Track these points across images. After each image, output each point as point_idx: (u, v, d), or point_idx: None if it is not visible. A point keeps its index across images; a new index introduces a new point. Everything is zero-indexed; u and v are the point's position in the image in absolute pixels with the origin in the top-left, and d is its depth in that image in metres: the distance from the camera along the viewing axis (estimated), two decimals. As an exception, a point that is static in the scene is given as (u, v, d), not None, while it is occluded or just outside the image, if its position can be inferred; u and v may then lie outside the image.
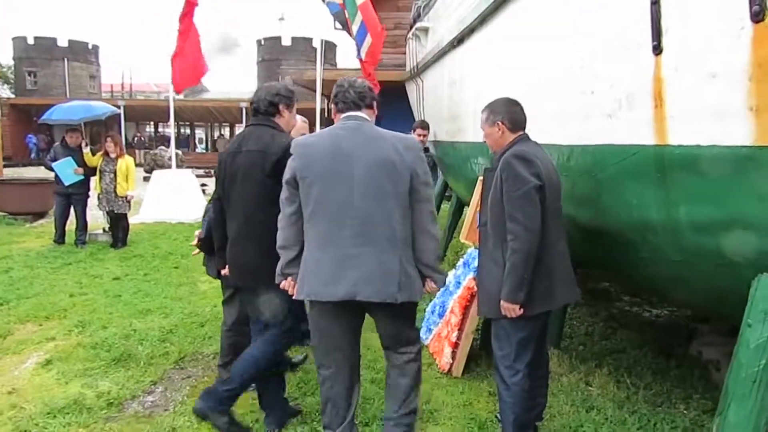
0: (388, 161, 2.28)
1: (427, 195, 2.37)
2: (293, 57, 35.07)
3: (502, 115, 2.56)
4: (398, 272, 2.28)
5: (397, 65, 14.52)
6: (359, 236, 2.27)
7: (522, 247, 2.33)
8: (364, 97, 2.42)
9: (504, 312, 2.43)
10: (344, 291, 2.26)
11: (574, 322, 4.79)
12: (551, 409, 3.12)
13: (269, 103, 2.73)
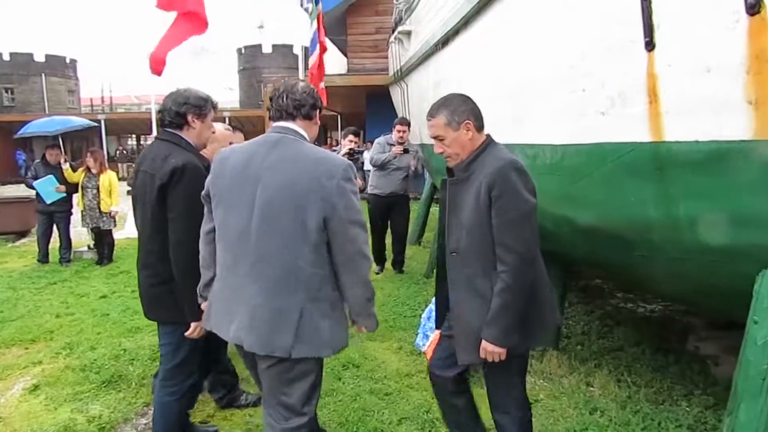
0: (297, 189, 1.87)
1: (351, 235, 1.89)
2: (274, 65, 34.98)
3: (467, 113, 2.15)
4: (295, 321, 1.87)
5: (379, 69, 14.53)
6: (252, 275, 1.92)
7: (517, 281, 1.97)
8: (300, 105, 2.01)
9: (488, 356, 2.06)
10: (233, 334, 1.97)
11: (570, 322, 4.76)
12: (554, 413, 3.09)
13: (176, 113, 2.38)
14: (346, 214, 1.88)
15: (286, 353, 1.88)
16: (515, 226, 1.99)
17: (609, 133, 2.41)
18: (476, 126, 2.15)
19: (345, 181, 1.90)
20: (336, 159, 1.98)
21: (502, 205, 2.00)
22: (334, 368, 3.75)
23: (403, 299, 5.44)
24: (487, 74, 3.77)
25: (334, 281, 1.96)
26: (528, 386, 3.41)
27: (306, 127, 2.06)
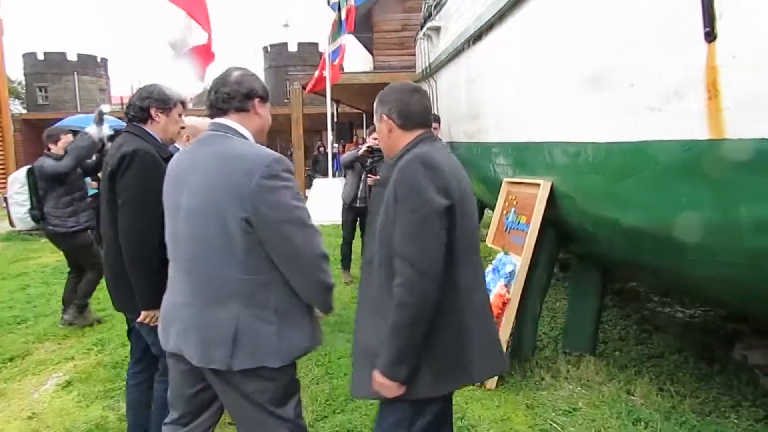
0: (215, 191, 1.72)
1: (283, 234, 1.69)
2: (300, 63, 35.12)
3: (389, 106, 1.82)
4: (232, 333, 1.72)
5: (405, 67, 14.43)
6: (187, 282, 1.80)
7: (411, 299, 1.62)
8: (230, 98, 1.82)
9: (378, 388, 1.71)
10: (173, 343, 1.85)
11: (606, 326, 4.61)
12: (595, 423, 2.96)
13: (139, 108, 2.37)
14: (274, 213, 1.69)
15: (224, 365, 1.73)
16: (413, 232, 1.63)
17: (660, 130, 2.28)
18: (399, 123, 1.80)
19: (267, 179, 1.68)
20: (258, 155, 1.74)
21: (402, 206, 1.67)
22: (364, 370, 3.68)
23: (432, 300, 5.34)
24: (523, 70, 3.65)
25: (282, 285, 1.76)
26: (566, 393, 3.33)
27: (242, 121, 1.84)
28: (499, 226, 4.09)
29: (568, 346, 3.85)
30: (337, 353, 3.98)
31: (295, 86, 15.25)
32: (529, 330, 3.78)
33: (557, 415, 3.07)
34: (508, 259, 3.63)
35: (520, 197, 3.86)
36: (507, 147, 4.15)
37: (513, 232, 3.80)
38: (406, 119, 1.79)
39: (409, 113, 1.79)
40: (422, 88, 1.84)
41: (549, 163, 3.38)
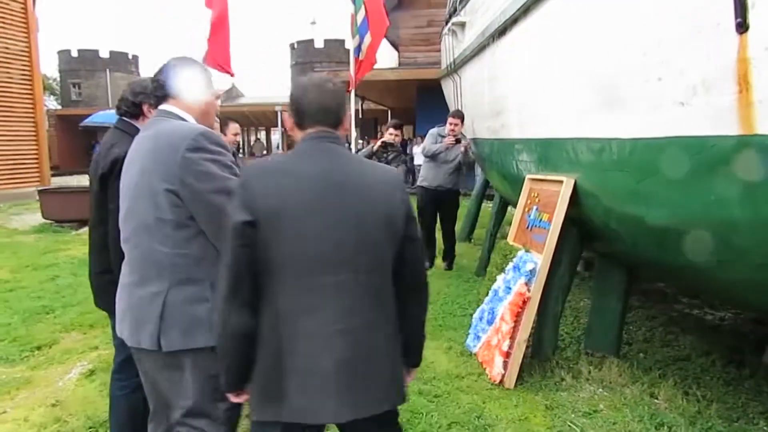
0: (147, 168, 1.75)
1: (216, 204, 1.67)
2: (326, 59, 35.26)
3: (289, 101, 1.70)
4: (158, 312, 1.70)
5: (431, 63, 14.34)
6: (127, 263, 1.84)
7: (215, 316, 1.58)
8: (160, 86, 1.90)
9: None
10: (118, 325, 1.85)
11: (631, 327, 4.50)
12: (616, 426, 2.89)
13: (131, 103, 2.35)
14: (201, 184, 1.68)
15: (153, 345, 1.70)
16: (221, 250, 1.59)
17: (688, 125, 2.20)
18: (294, 120, 1.67)
19: (192, 151, 1.69)
20: (184, 129, 1.75)
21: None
22: (381, 366, 3.66)
23: (453, 297, 5.30)
24: (547, 64, 3.57)
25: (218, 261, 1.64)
26: (587, 395, 3.26)
27: (183, 107, 1.88)
28: (520, 223, 4.03)
29: (591, 346, 3.77)
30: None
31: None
32: (550, 329, 3.71)
33: (577, 416, 3.01)
34: (529, 257, 3.56)
35: (542, 194, 3.79)
36: (530, 143, 4.07)
37: (535, 230, 3.73)
38: (299, 116, 1.65)
39: (301, 110, 1.63)
40: (331, 81, 1.65)
41: (572, 160, 3.31)
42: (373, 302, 1.56)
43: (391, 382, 1.60)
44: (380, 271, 1.58)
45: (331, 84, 1.66)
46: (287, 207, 1.48)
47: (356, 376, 1.51)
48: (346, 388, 1.50)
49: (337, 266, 1.50)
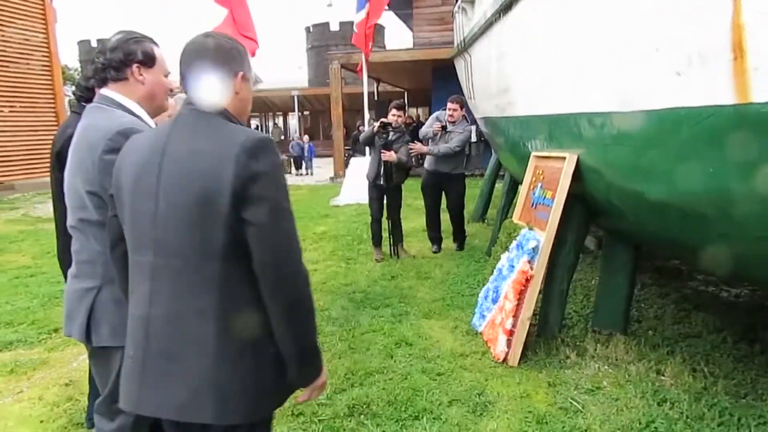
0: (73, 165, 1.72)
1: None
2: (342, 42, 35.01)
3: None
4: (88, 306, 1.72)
5: (445, 43, 14.14)
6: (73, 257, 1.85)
7: None
8: (106, 67, 1.72)
9: None
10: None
11: (642, 305, 4.44)
12: (618, 402, 2.87)
13: (85, 88, 2.25)
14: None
15: (82, 338, 1.70)
16: None
17: (685, 96, 2.14)
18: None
19: (108, 153, 1.59)
20: (104, 127, 1.64)
21: None
22: (386, 346, 3.70)
23: (462, 277, 5.29)
24: (549, 38, 3.49)
25: None
26: (591, 372, 3.24)
27: (123, 90, 1.73)
28: (525, 201, 3.99)
29: (598, 324, 3.74)
30: (361, 329, 4.01)
31: (334, 65, 15.21)
32: (555, 307, 3.69)
33: (579, 393, 3.00)
34: (532, 234, 3.53)
35: (546, 172, 3.74)
36: (535, 120, 4.01)
37: (539, 208, 3.69)
38: (181, 82, 1.50)
39: (181, 74, 1.47)
40: (213, 37, 1.45)
41: (575, 136, 3.25)
42: (190, 291, 1.34)
43: (213, 390, 1.32)
44: (206, 257, 1.32)
45: (212, 41, 1.44)
46: (124, 181, 1.42)
47: (156, 370, 1.36)
48: (149, 380, 1.37)
49: (150, 246, 1.37)
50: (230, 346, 1.33)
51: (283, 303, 1.32)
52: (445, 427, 2.72)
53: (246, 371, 1.34)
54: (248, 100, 1.52)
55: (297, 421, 2.82)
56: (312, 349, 1.40)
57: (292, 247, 1.34)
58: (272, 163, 1.33)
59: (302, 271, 1.34)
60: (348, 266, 5.83)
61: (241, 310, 1.33)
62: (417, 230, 7.52)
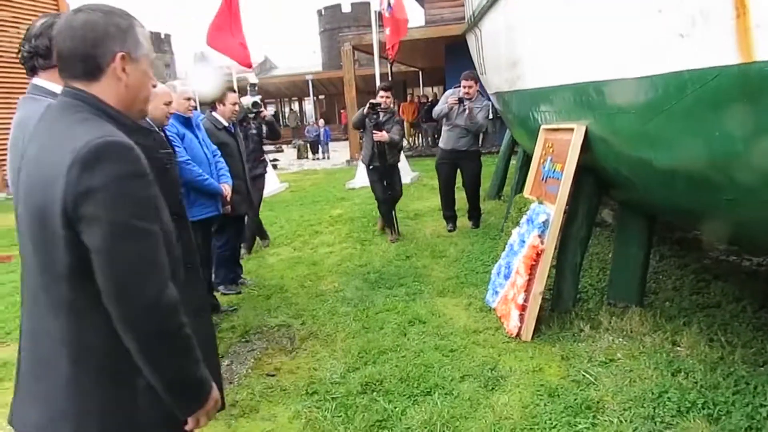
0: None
1: None
2: (354, 23, 34.69)
3: None
4: None
5: (458, 19, 13.91)
6: None
7: None
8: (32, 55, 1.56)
9: None
10: None
11: (660, 276, 4.38)
12: (631, 373, 2.85)
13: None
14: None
15: None
16: None
17: (689, 58, 2.07)
18: None
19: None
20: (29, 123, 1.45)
21: None
22: (400, 324, 3.72)
23: (476, 255, 5.28)
24: (553, 8, 3.41)
25: None
26: (605, 344, 3.22)
27: (54, 78, 1.53)
28: (536, 175, 3.94)
29: (613, 297, 3.70)
30: (375, 308, 4.04)
31: (346, 47, 15.11)
32: (568, 281, 3.66)
33: (592, 366, 2.98)
34: (542, 208, 3.49)
35: (556, 144, 3.68)
36: (543, 92, 3.94)
37: (549, 181, 3.64)
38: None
39: (57, 56, 1.29)
40: (84, 11, 1.23)
41: (583, 106, 3.18)
42: (45, 311, 1.21)
43: (68, 421, 1.20)
44: (53, 278, 1.17)
45: (82, 16, 1.22)
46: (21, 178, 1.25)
47: (24, 388, 1.28)
48: (19, 396, 1.29)
49: (23, 259, 1.26)
50: (85, 376, 1.19)
51: (135, 338, 1.14)
52: (456, 401, 2.74)
53: (104, 404, 1.20)
54: (138, 88, 1.29)
55: (311, 400, 2.87)
56: (183, 383, 1.23)
57: (140, 275, 1.12)
58: (112, 176, 1.10)
59: (158, 301, 1.14)
60: (363, 247, 5.86)
61: (93, 337, 1.18)
62: (432, 209, 7.51)
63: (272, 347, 3.55)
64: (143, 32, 1.30)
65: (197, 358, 1.24)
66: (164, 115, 3.15)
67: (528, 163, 6.73)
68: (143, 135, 1.30)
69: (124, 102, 1.26)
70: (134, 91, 1.28)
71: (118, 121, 1.22)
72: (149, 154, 1.24)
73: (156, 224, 1.17)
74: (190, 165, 3.56)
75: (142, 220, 1.14)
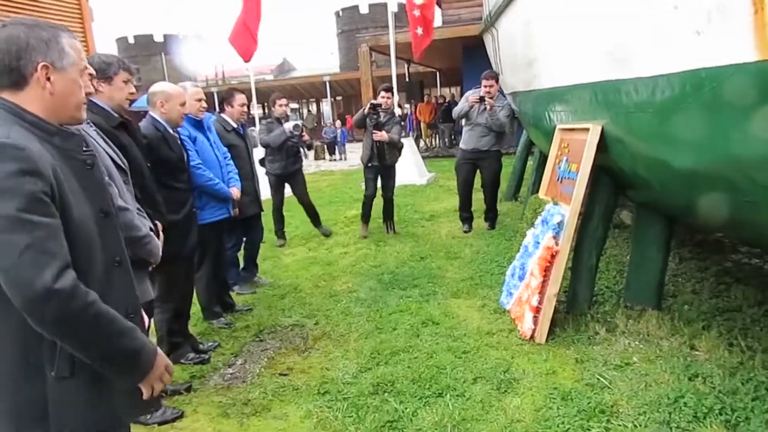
0: None
1: None
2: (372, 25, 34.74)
3: None
4: None
5: (475, 19, 13.83)
6: None
7: None
8: None
9: None
10: None
11: (679, 279, 4.30)
12: (647, 377, 2.80)
13: None
14: None
15: None
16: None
17: (706, 56, 2.02)
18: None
19: None
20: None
21: None
22: (413, 325, 3.71)
23: (492, 256, 5.24)
24: (568, 6, 3.37)
25: None
26: (620, 348, 3.17)
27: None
28: (551, 176, 3.90)
29: (630, 299, 3.64)
30: (389, 309, 4.04)
31: (363, 48, 15.13)
32: (584, 283, 3.61)
33: (607, 369, 2.94)
34: (557, 209, 3.45)
35: (572, 144, 3.63)
36: (559, 92, 3.89)
37: (564, 182, 3.60)
38: None
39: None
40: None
41: (599, 105, 3.14)
42: None
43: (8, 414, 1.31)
44: None
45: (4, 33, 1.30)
46: None
47: None
48: None
49: None
50: (5, 370, 1.28)
51: (40, 325, 1.21)
52: (468, 403, 2.72)
53: (13, 394, 1.29)
54: (66, 95, 1.35)
55: (323, 399, 2.87)
56: (114, 357, 1.30)
57: (29, 265, 1.17)
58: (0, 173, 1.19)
59: (51, 288, 1.18)
60: (378, 248, 5.85)
61: (4, 331, 1.27)
62: (448, 211, 7.48)
63: (285, 347, 3.56)
64: (71, 43, 1.35)
65: (122, 330, 1.30)
66: (180, 116, 3.18)
67: (544, 164, 6.68)
68: (63, 138, 1.37)
69: (50, 109, 1.33)
70: (61, 99, 1.34)
71: (36, 126, 1.30)
72: (69, 156, 1.35)
73: (48, 217, 1.22)
74: (201, 169, 3.59)
75: (31, 213, 1.19)
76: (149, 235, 1.99)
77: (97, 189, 1.42)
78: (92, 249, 1.35)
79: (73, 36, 1.38)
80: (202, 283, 3.85)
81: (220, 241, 3.96)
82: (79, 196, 1.33)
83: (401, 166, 10.28)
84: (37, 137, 1.28)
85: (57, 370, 1.28)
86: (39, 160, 1.23)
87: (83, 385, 1.33)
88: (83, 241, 1.31)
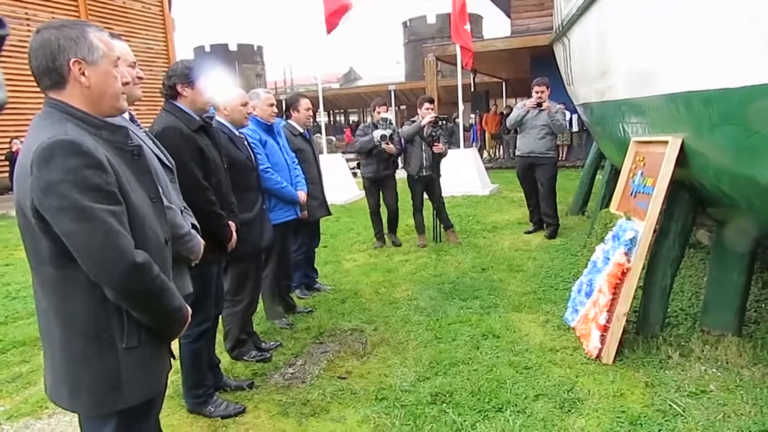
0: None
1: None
2: (439, 35, 34.82)
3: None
4: None
5: (545, 29, 13.58)
6: None
7: None
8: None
9: None
10: None
11: (763, 305, 4.00)
12: (725, 408, 2.62)
13: (167, 86, 2.63)
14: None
15: None
16: None
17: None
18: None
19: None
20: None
21: None
22: (473, 337, 3.65)
23: (556, 270, 5.09)
24: (647, 16, 3.23)
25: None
26: (695, 374, 3.00)
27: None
28: (624, 190, 3.74)
29: (707, 324, 3.42)
30: (448, 319, 3.99)
31: (429, 58, 15.17)
32: (657, 304, 3.43)
33: (681, 396, 2.77)
34: (629, 225, 3.31)
35: (648, 158, 3.48)
36: (636, 102, 3.74)
37: (639, 197, 3.44)
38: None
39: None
40: (37, 31, 1.41)
41: (679, 117, 2.99)
42: (39, 291, 1.48)
43: (65, 383, 1.49)
44: (39, 262, 1.44)
45: (37, 39, 1.40)
46: None
47: (44, 356, 1.56)
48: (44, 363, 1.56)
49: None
50: (74, 344, 1.44)
51: (125, 299, 1.42)
52: (529, 420, 2.64)
53: (90, 368, 1.45)
54: (103, 87, 1.45)
55: (380, 405, 2.87)
56: (169, 316, 1.53)
57: (107, 248, 1.34)
58: (65, 169, 1.30)
59: (130, 265, 1.37)
60: (438, 257, 5.82)
61: (79, 311, 1.42)
62: (511, 222, 7.34)
63: (344, 350, 3.60)
64: (99, 36, 1.45)
65: (174, 291, 1.53)
66: (243, 116, 3.29)
67: (616, 178, 6.43)
68: (111, 131, 1.48)
69: (91, 102, 1.44)
70: (98, 90, 1.45)
71: (85, 121, 1.41)
72: (117, 147, 1.47)
73: (115, 204, 1.37)
74: (269, 173, 3.71)
75: (99, 203, 1.33)
76: (191, 233, 2.08)
77: (145, 176, 1.57)
78: (147, 230, 1.51)
79: (100, 29, 1.48)
80: (266, 283, 3.96)
81: (285, 242, 4.06)
82: (133, 183, 1.48)
83: (464, 177, 10.25)
84: (88, 132, 1.40)
85: (127, 341, 1.47)
86: (97, 153, 1.36)
87: (149, 352, 1.53)
88: (140, 225, 1.47)
